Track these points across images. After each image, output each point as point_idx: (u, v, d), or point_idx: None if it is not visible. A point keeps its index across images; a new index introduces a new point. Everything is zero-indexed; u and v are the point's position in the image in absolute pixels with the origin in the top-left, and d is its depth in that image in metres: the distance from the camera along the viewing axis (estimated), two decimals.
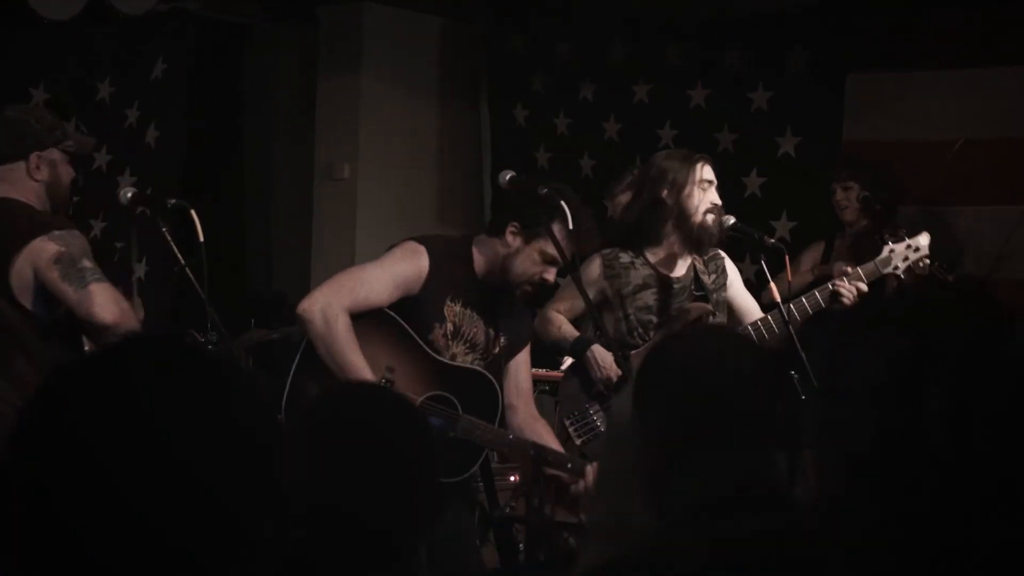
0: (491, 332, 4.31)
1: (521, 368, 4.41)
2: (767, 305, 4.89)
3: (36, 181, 4.12)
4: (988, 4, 6.57)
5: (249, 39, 8.29)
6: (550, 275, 4.23)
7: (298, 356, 4.14)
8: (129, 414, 1.32)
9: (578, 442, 4.63)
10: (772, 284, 4.69)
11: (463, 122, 8.16)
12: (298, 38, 8.12)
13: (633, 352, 4.58)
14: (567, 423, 4.67)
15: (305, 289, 7.69)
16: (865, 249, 5.58)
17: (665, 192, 4.65)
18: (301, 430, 1.96)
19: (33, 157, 4.11)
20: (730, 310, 4.85)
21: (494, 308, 4.30)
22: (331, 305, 4.05)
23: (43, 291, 3.97)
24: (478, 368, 4.25)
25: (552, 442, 4.32)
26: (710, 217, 4.64)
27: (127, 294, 4.20)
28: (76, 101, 7.01)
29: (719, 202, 4.68)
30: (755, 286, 5.40)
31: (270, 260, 8.46)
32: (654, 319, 4.68)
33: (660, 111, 7.45)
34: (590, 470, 4.04)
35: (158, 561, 1.30)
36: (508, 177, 4.23)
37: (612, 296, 4.67)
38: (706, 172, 4.68)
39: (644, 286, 4.68)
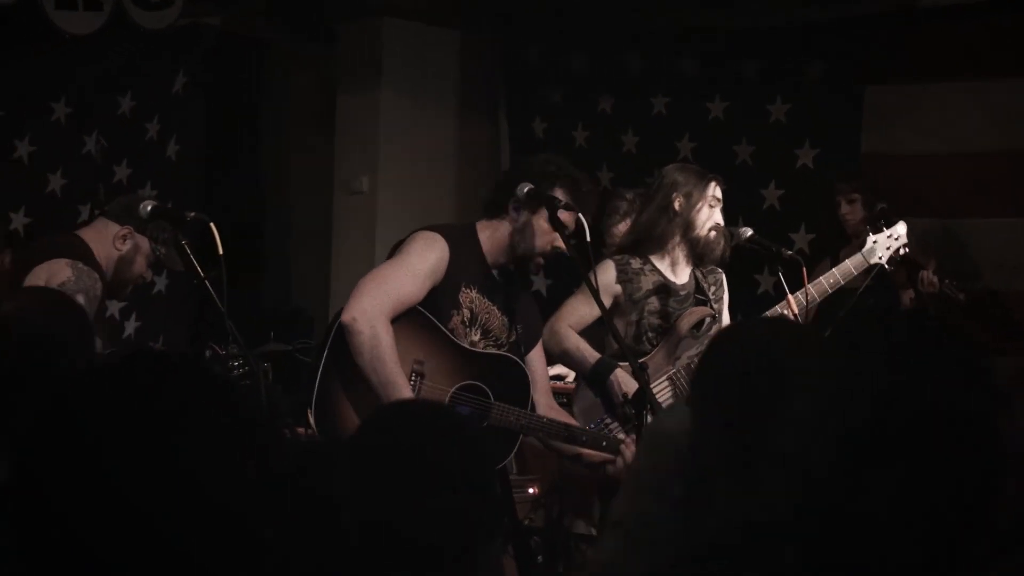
0: (505, 319, 4.32)
1: (537, 362, 4.43)
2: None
3: (115, 249, 4.43)
4: (1005, 15, 6.57)
5: (268, 53, 8.34)
6: (560, 242, 4.20)
7: (323, 359, 4.09)
8: (133, 423, 1.36)
9: None
10: (790, 296, 4.72)
11: (482, 135, 8.18)
12: (317, 52, 8.16)
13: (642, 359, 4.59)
14: None
15: (324, 302, 7.78)
16: None
17: (677, 201, 4.73)
18: (352, 449, 1.96)
19: (126, 228, 4.42)
20: None
21: (506, 295, 4.32)
22: (377, 317, 4.02)
23: None
24: (506, 353, 4.26)
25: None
26: (712, 234, 4.74)
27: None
28: (97, 115, 7.05)
29: (722, 222, 4.78)
30: (773, 298, 5.40)
31: (289, 273, 8.49)
32: (663, 324, 4.74)
33: (678, 124, 7.46)
34: (626, 447, 4.14)
35: (164, 563, 1.33)
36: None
37: (624, 301, 4.72)
38: (717, 191, 4.78)
39: (654, 291, 4.74)
